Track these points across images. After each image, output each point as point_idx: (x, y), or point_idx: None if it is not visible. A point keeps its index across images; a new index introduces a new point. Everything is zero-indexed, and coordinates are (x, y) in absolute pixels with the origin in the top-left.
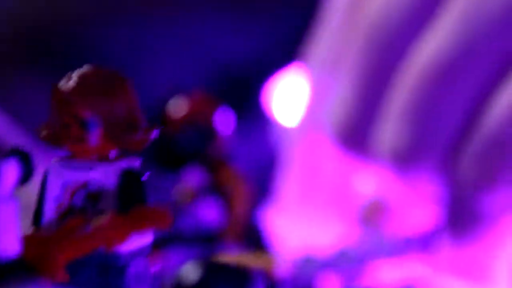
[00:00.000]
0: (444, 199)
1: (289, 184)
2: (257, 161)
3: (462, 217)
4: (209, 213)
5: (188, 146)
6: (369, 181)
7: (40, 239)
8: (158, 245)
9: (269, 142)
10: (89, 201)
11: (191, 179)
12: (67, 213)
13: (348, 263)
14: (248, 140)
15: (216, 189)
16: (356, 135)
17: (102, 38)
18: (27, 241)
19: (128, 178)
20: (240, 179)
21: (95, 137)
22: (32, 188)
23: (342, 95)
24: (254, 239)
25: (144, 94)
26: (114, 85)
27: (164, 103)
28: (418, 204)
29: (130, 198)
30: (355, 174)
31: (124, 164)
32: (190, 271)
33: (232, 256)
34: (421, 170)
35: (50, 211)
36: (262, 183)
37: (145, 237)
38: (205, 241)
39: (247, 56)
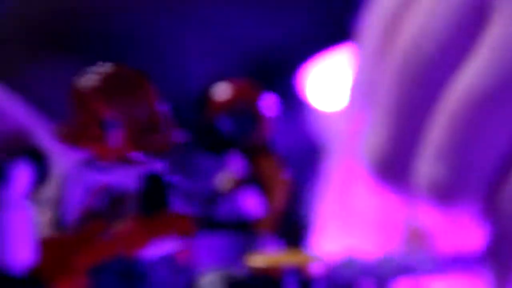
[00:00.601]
0: (488, 233)
1: (326, 209)
2: (294, 148)
3: (505, 253)
4: (248, 202)
5: (231, 132)
6: (410, 210)
7: (60, 243)
8: (194, 233)
9: (306, 128)
10: (110, 205)
11: (233, 166)
12: (88, 217)
13: (390, 272)
14: (285, 127)
15: (256, 178)
16: (390, 168)
17: (130, 27)
18: (46, 245)
19: (151, 182)
20: (280, 169)
21: (115, 137)
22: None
23: (376, 125)
24: (292, 232)
25: (178, 83)
26: (135, 85)
27: (200, 91)
28: (461, 235)
29: (153, 202)
30: (394, 203)
31: (147, 167)
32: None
33: (267, 252)
34: (462, 205)
35: (71, 214)
36: (299, 170)
37: (169, 244)
38: (242, 231)
39: (281, 41)
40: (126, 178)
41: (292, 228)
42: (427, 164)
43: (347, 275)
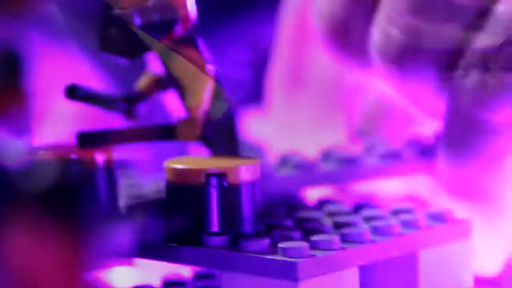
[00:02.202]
0: (444, 110)
1: (277, 75)
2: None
3: (460, 131)
4: (168, 105)
5: (143, 29)
6: (367, 81)
7: None
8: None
9: None
10: None
11: (151, 65)
12: None
13: (336, 167)
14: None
15: (176, 78)
16: (341, 32)
17: None
18: None
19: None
20: (203, 66)
21: None
22: None
23: None
24: (220, 135)
25: None
26: None
27: None
28: (417, 110)
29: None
30: (349, 71)
31: None
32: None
33: (189, 156)
34: (417, 71)
35: None
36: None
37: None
38: (165, 134)
39: None
40: None
41: (220, 131)
42: (379, 29)
43: (282, 175)
